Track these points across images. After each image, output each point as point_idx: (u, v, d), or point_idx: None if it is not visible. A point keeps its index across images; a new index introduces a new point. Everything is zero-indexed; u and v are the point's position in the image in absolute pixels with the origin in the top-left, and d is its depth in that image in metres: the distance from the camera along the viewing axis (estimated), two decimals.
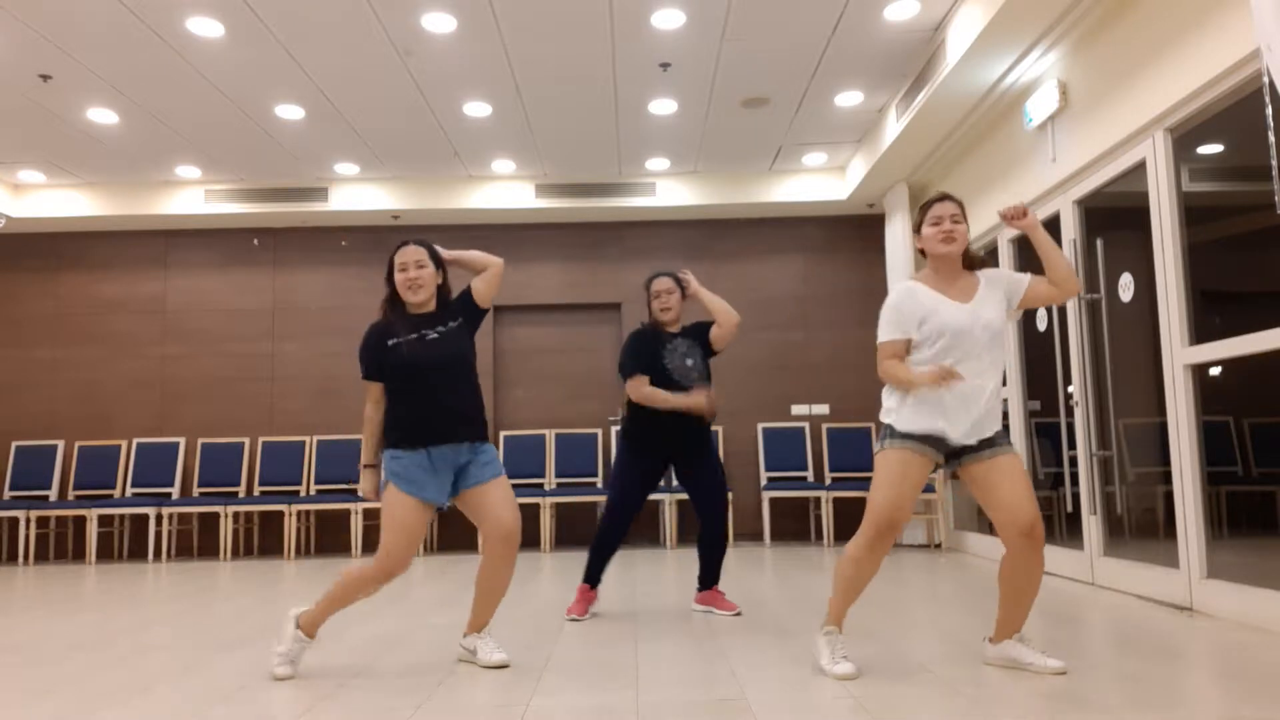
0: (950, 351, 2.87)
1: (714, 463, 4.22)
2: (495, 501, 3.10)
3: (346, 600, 3.11)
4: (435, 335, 3.15)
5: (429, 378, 3.09)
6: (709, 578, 4.25)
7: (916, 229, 3.06)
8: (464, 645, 3.30)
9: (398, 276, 3.19)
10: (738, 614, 4.13)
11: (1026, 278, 3.00)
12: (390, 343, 3.13)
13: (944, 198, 3.01)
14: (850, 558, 2.94)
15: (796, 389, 8.25)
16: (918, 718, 2.43)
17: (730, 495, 7.69)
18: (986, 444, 2.90)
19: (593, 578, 4.20)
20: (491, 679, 2.99)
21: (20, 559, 7.62)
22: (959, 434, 2.89)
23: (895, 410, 2.95)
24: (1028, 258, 5.80)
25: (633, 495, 4.13)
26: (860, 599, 4.55)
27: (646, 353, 4.13)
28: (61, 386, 8.26)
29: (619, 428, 4.23)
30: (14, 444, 8.07)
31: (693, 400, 4.01)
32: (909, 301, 2.95)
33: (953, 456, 2.96)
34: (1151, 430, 4.54)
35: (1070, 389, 5.11)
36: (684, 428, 4.11)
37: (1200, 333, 4.06)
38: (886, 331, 2.97)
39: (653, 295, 4.22)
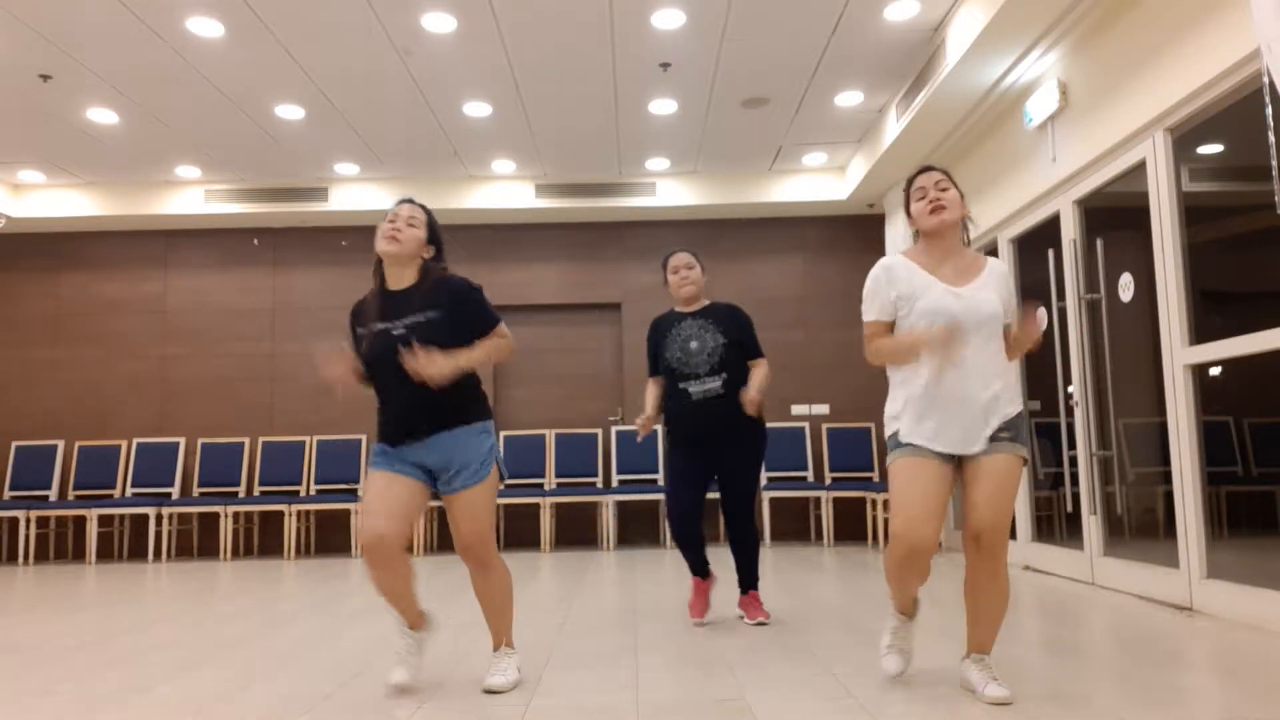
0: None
1: (746, 460, 3.89)
2: (455, 519, 2.87)
3: (380, 588, 2.84)
4: (401, 330, 2.80)
5: (394, 379, 2.81)
6: (744, 579, 4.00)
7: (906, 210, 2.81)
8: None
9: (381, 226, 2.88)
10: (761, 623, 3.87)
11: (1011, 312, 2.73)
12: (358, 331, 2.92)
13: (926, 169, 2.78)
14: (887, 570, 2.69)
15: (796, 389, 8.25)
16: (917, 718, 2.42)
17: None
18: (991, 441, 2.59)
19: (697, 570, 4.00)
20: None
21: (20, 559, 7.62)
22: (950, 444, 2.59)
23: (896, 418, 2.69)
24: (1028, 257, 5.80)
25: (678, 483, 3.88)
26: (861, 600, 4.55)
27: (652, 346, 4.02)
28: (61, 386, 8.26)
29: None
30: (14, 444, 8.07)
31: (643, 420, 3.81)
32: (883, 280, 2.70)
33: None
34: (1151, 430, 4.54)
35: (1070, 389, 5.10)
36: (709, 416, 3.82)
37: (1200, 333, 4.06)
38: (868, 311, 2.75)
39: (670, 270, 3.98)
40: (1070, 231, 5.11)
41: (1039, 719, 2.39)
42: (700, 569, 4.01)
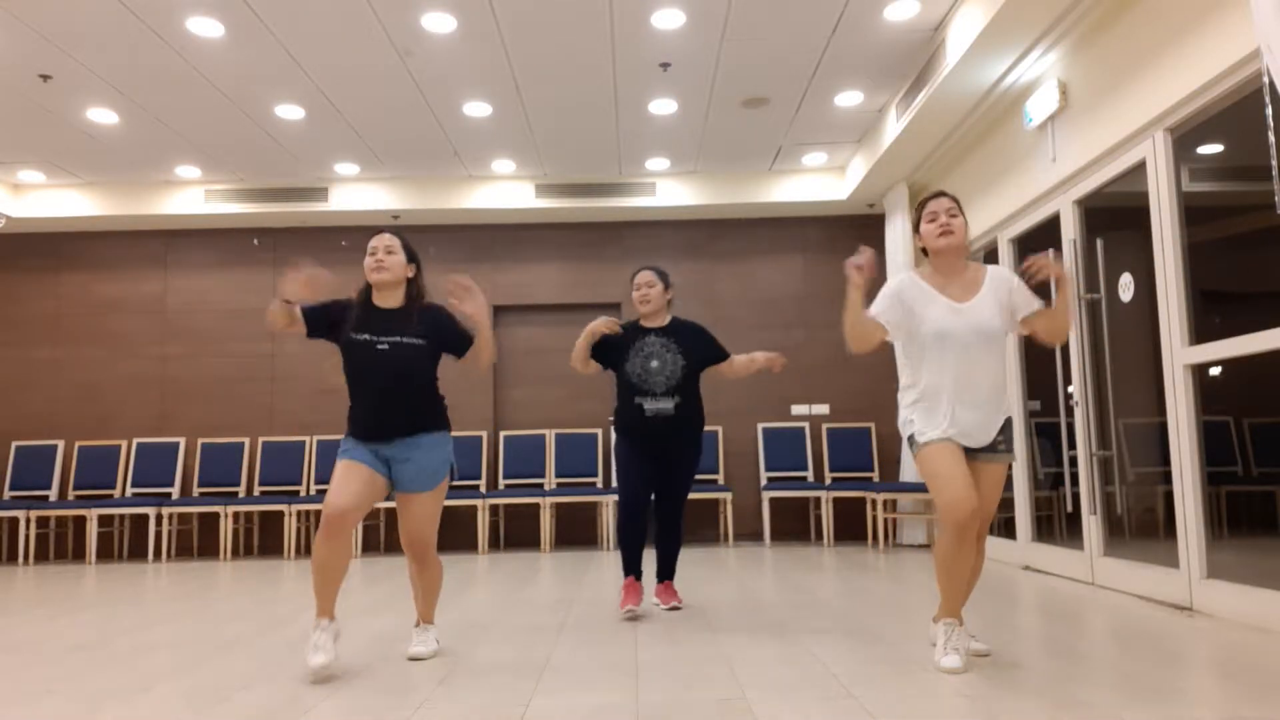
0: (944, 353, 2.99)
1: (687, 467, 4.23)
2: (405, 517, 3.27)
3: (326, 565, 3.13)
4: (385, 346, 3.19)
5: (371, 386, 3.19)
6: (665, 570, 4.35)
7: (916, 228, 3.15)
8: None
9: (366, 260, 3.28)
10: (675, 607, 4.25)
11: (1035, 304, 3.07)
12: (351, 333, 3.23)
13: (939, 195, 3.12)
14: (940, 559, 2.97)
15: (796, 389, 8.25)
16: (918, 718, 2.43)
17: (729, 495, 7.73)
18: (989, 449, 3.01)
19: (635, 568, 4.23)
20: (491, 679, 2.98)
21: (20, 559, 7.62)
22: (963, 436, 2.98)
23: (909, 421, 3.06)
24: (1029, 257, 5.79)
25: (632, 474, 4.13)
26: (860, 600, 4.56)
27: (615, 344, 4.19)
28: (61, 386, 8.26)
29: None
30: (14, 444, 8.07)
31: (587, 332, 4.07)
32: (895, 296, 3.08)
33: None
34: (1151, 430, 4.54)
35: (1070, 389, 5.11)
36: (658, 431, 4.12)
37: (1200, 333, 4.06)
38: (874, 307, 3.12)
39: (634, 286, 4.26)
40: (1070, 231, 5.12)
41: (1039, 718, 2.39)
42: (637, 567, 4.23)
